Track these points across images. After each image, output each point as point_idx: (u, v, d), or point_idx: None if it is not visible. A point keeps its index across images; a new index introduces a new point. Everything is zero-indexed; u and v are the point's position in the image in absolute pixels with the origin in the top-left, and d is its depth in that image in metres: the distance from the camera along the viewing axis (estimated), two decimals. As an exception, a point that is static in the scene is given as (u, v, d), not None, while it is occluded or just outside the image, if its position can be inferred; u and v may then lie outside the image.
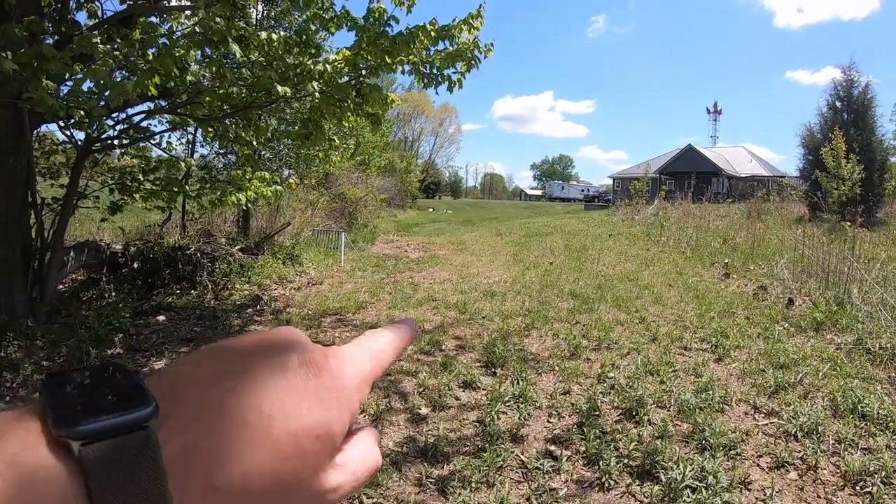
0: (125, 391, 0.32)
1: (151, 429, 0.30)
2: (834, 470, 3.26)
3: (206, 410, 0.33)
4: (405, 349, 0.47)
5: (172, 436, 0.31)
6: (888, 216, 17.88)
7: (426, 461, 3.35)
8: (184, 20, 5.73)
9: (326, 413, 0.36)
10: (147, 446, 0.30)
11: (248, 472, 0.32)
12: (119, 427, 0.29)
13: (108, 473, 0.28)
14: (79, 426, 0.29)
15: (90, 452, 0.28)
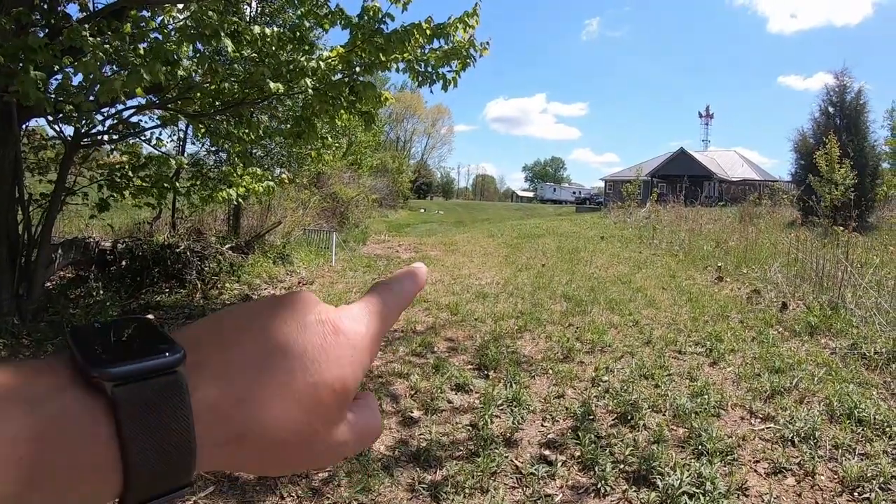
0: (153, 339, 0.33)
1: (181, 373, 0.32)
2: (832, 476, 3.22)
3: (230, 362, 0.34)
4: (414, 298, 0.48)
5: (200, 383, 0.32)
6: (879, 221, 17.94)
7: (418, 466, 3.30)
8: (176, 14, 5.65)
9: (342, 369, 0.37)
10: (177, 390, 0.31)
11: (269, 422, 0.34)
12: (150, 370, 0.31)
13: (140, 414, 0.30)
14: (112, 368, 0.30)
15: (123, 393, 0.30)
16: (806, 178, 15.73)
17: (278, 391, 0.34)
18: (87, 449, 0.28)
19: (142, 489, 0.30)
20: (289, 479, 3.12)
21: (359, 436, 0.40)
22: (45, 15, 4.47)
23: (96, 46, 3.75)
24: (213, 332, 0.36)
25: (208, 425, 0.32)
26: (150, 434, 0.30)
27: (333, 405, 0.37)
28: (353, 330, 0.39)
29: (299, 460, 0.38)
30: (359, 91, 4.95)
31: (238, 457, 0.35)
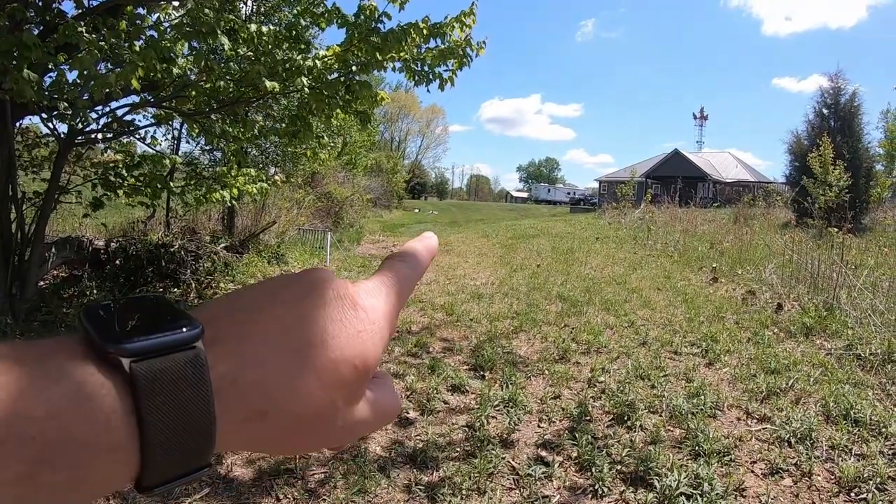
0: (169, 316, 0.32)
1: (200, 349, 0.31)
2: (828, 476, 3.22)
3: (249, 338, 0.33)
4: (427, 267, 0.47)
5: (219, 360, 0.32)
6: (873, 222, 18.01)
7: (415, 467, 3.28)
8: (171, 11, 5.62)
9: (362, 345, 0.37)
10: (196, 365, 0.30)
11: (290, 398, 0.33)
12: (169, 345, 0.30)
13: (158, 390, 0.29)
14: (130, 343, 0.29)
15: (141, 369, 0.29)
16: (800, 180, 15.76)
17: (299, 367, 0.34)
18: (103, 427, 0.27)
19: (159, 469, 0.30)
20: (284, 480, 3.10)
21: (377, 414, 0.40)
22: (40, 11, 4.44)
23: (91, 43, 3.73)
24: (230, 310, 0.35)
25: (228, 402, 0.31)
26: (169, 411, 0.29)
27: (354, 382, 0.37)
28: (371, 305, 0.39)
29: (319, 438, 0.37)
30: (355, 90, 4.93)
31: (258, 435, 0.34)
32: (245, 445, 0.35)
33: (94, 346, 0.29)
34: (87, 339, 0.30)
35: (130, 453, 0.28)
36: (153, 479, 0.30)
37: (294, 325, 0.35)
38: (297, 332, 0.35)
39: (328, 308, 0.36)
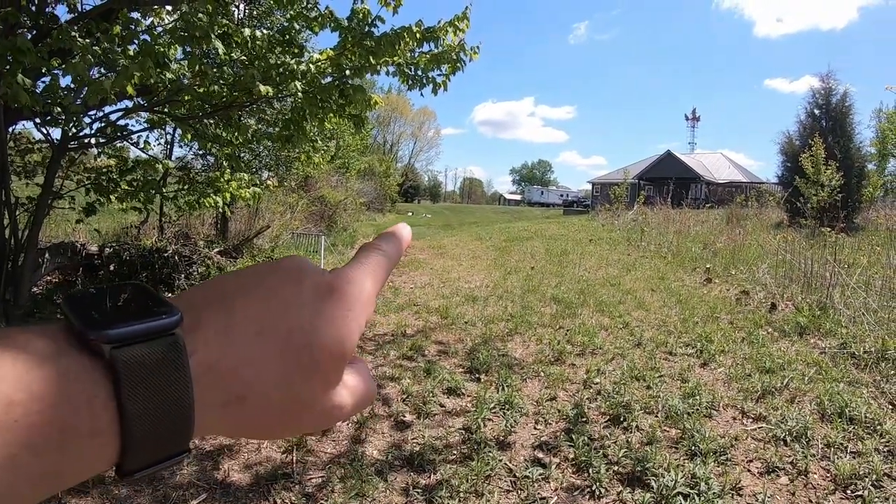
0: (149, 303, 0.33)
1: (179, 335, 0.31)
2: (824, 474, 3.24)
3: (227, 325, 0.34)
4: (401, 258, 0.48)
5: (198, 346, 0.32)
6: (866, 222, 18.10)
7: (412, 470, 3.28)
8: (165, 16, 5.61)
9: (339, 330, 0.37)
10: (175, 351, 0.31)
11: (268, 383, 0.34)
12: (149, 332, 0.30)
13: (138, 376, 0.29)
14: (110, 330, 0.29)
15: (122, 355, 0.29)
16: (792, 180, 15.85)
17: (277, 353, 0.34)
18: (85, 412, 0.28)
19: (140, 454, 0.30)
20: (282, 485, 3.10)
21: (355, 399, 0.40)
22: (33, 16, 4.42)
23: (85, 48, 3.72)
24: (208, 297, 0.36)
25: (207, 387, 0.32)
26: (149, 396, 0.29)
27: (331, 367, 0.37)
28: (348, 292, 0.39)
29: (298, 423, 0.38)
30: (349, 94, 4.93)
31: (237, 420, 0.34)
32: (224, 430, 0.35)
33: (76, 332, 0.30)
34: (69, 327, 0.30)
35: (111, 438, 0.29)
36: (133, 463, 0.30)
37: (272, 312, 0.35)
38: (275, 319, 0.35)
39: (306, 294, 0.37)
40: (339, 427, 3.81)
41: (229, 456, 3.37)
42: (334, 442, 3.61)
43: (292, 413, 0.36)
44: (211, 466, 3.25)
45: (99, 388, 0.28)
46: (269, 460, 3.34)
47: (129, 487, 3.00)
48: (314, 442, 3.57)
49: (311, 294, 0.37)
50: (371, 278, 0.42)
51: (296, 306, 0.36)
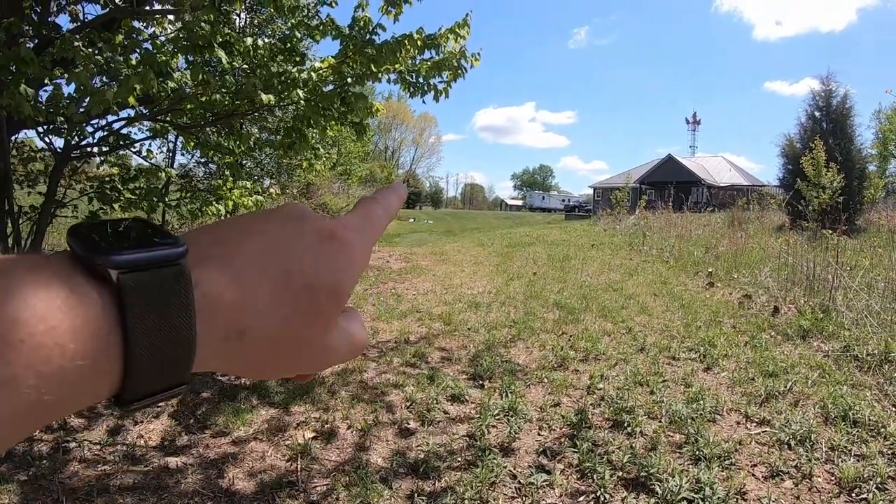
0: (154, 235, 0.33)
1: (185, 266, 0.32)
2: (829, 477, 3.23)
3: (230, 261, 0.35)
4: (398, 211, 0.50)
5: (201, 279, 0.33)
6: (867, 223, 18.08)
7: (417, 477, 3.28)
8: (167, 25, 5.64)
9: (337, 273, 0.38)
10: (181, 281, 0.31)
11: (268, 321, 0.35)
12: (155, 260, 0.31)
13: (144, 303, 0.30)
14: (118, 255, 0.30)
15: (129, 280, 0.30)
16: (794, 183, 15.84)
17: (277, 291, 0.35)
18: (90, 334, 0.28)
19: (140, 383, 0.31)
20: (287, 493, 3.10)
21: (349, 344, 0.42)
22: (36, 26, 4.45)
23: (88, 58, 3.74)
24: (213, 236, 0.37)
25: (208, 320, 0.33)
26: (153, 324, 0.30)
27: (328, 308, 0.38)
28: (347, 238, 0.40)
29: (293, 362, 0.39)
30: (350, 102, 4.94)
31: (235, 354, 0.35)
32: (222, 365, 0.36)
33: (82, 259, 0.30)
34: (75, 255, 0.30)
35: (114, 364, 0.29)
36: (133, 392, 0.31)
37: (274, 252, 0.37)
38: (277, 259, 0.36)
39: (307, 238, 0.38)
40: (343, 434, 3.81)
41: (234, 464, 3.38)
42: (338, 450, 3.61)
43: (288, 351, 0.38)
44: (216, 475, 3.26)
45: (105, 311, 0.29)
46: (274, 468, 3.35)
47: (135, 496, 3.01)
48: (319, 449, 3.57)
49: (313, 238, 0.39)
50: (370, 228, 0.44)
51: (297, 248, 0.38)
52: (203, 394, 4.42)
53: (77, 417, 3.90)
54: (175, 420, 3.94)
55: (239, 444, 3.64)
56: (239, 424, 3.87)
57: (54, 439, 3.58)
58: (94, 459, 3.38)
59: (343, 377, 4.84)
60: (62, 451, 3.45)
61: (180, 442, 3.64)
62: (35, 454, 3.38)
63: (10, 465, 3.26)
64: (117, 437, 3.66)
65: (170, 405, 4.17)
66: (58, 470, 3.23)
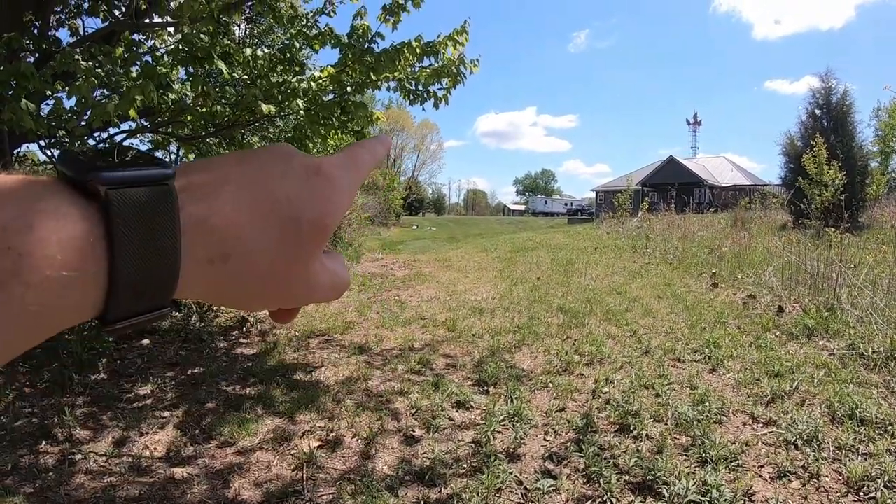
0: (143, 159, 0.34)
1: (171, 186, 0.33)
2: (836, 477, 3.22)
3: (217, 188, 0.35)
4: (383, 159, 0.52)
5: (187, 203, 0.33)
6: (871, 220, 18.05)
7: (423, 484, 3.27)
8: (167, 38, 5.67)
9: (322, 207, 0.39)
10: (167, 201, 0.32)
11: (253, 247, 0.36)
12: (143, 178, 0.32)
13: (131, 218, 0.30)
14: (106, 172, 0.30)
15: (117, 196, 0.30)
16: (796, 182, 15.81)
17: (262, 219, 0.36)
18: (78, 245, 0.28)
19: (124, 301, 0.31)
20: (292, 502, 3.10)
21: (331, 281, 0.43)
22: (36, 40, 4.47)
23: (88, 71, 3.76)
24: (202, 165, 0.37)
25: (193, 242, 0.33)
26: (139, 241, 0.30)
27: (311, 240, 0.39)
28: (332, 174, 0.41)
29: (277, 292, 0.40)
30: (350, 111, 4.97)
31: (219, 280, 0.35)
32: (205, 292, 0.37)
33: (71, 178, 0.31)
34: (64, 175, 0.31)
35: (99, 279, 0.30)
36: (117, 311, 0.31)
37: (260, 182, 0.37)
38: (264, 188, 0.37)
39: (294, 171, 0.39)
40: (349, 443, 3.81)
41: (239, 474, 3.38)
42: (344, 458, 3.61)
43: (271, 280, 0.38)
44: (221, 485, 3.26)
45: (93, 225, 0.29)
46: (280, 478, 3.34)
47: (141, 509, 3.01)
48: (324, 458, 3.57)
49: (300, 171, 0.39)
50: (356, 167, 0.45)
51: (284, 180, 0.38)
52: (208, 404, 4.42)
53: (82, 429, 3.91)
54: (180, 431, 3.94)
55: (244, 454, 3.64)
56: (244, 434, 3.87)
57: (60, 451, 3.58)
58: (99, 471, 3.38)
59: (348, 385, 4.84)
60: (68, 463, 3.45)
61: (186, 453, 3.64)
62: (41, 466, 3.39)
63: (17, 477, 3.26)
64: (123, 449, 3.67)
65: (175, 416, 4.18)
66: (64, 482, 3.23)
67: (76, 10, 5.53)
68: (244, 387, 4.81)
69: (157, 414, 4.21)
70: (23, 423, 3.99)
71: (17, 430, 3.89)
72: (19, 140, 5.08)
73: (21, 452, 3.57)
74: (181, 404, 4.41)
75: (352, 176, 0.44)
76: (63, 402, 4.32)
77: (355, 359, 5.63)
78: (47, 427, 3.87)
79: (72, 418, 3.96)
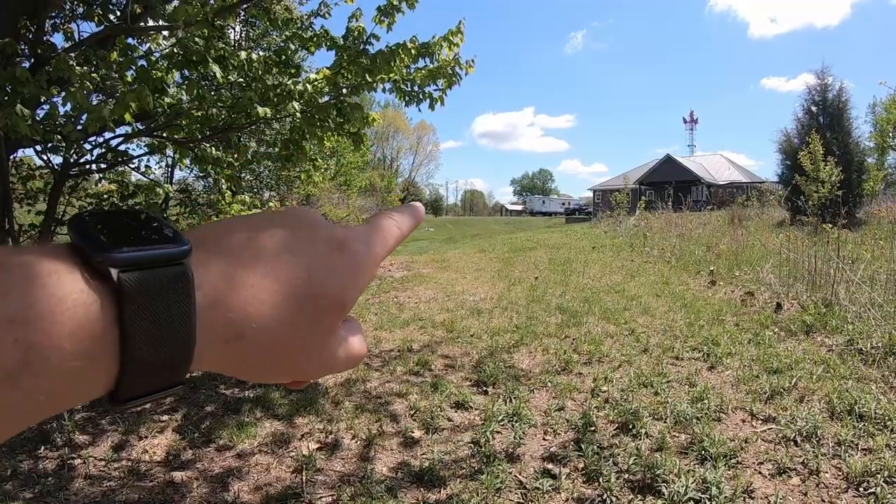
0: (158, 231, 0.33)
1: (187, 266, 0.31)
2: (836, 473, 3.22)
3: (235, 262, 0.34)
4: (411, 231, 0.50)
5: (203, 280, 0.32)
6: (867, 216, 18.06)
7: (422, 486, 3.27)
8: (162, 42, 5.66)
9: (343, 283, 0.38)
10: (182, 282, 0.31)
11: (269, 326, 0.34)
12: (157, 259, 0.30)
13: (144, 302, 0.29)
14: (119, 253, 0.29)
15: (129, 279, 0.29)
16: (792, 179, 15.83)
17: (280, 297, 0.35)
18: (87, 333, 0.28)
19: (136, 382, 0.30)
20: (292, 504, 3.09)
21: (348, 353, 0.41)
22: (31, 45, 4.46)
23: (84, 76, 3.75)
24: (218, 234, 0.36)
25: (208, 322, 0.32)
26: (152, 324, 0.29)
27: (330, 316, 0.38)
28: (357, 250, 0.41)
29: (291, 368, 0.38)
30: (346, 113, 4.95)
31: (234, 356, 0.35)
32: (220, 367, 0.35)
33: (82, 254, 0.29)
34: (75, 248, 0.30)
35: (110, 363, 0.29)
36: (128, 391, 0.30)
37: (280, 257, 0.36)
38: (283, 265, 0.36)
39: (316, 245, 0.38)
40: (348, 445, 3.81)
41: (239, 478, 3.37)
42: (343, 460, 3.60)
43: (286, 357, 0.37)
44: (220, 488, 3.25)
45: (103, 310, 0.28)
46: (279, 480, 3.34)
47: (140, 513, 3.00)
48: (323, 461, 3.57)
49: (323, 246, 0.39)
50: (381, 243, 0.44)
51: (306, 256, 0.37)
52: (207, 408, 4.42)
53: (81, 434, 3.90)
54: (179, 435, 3.94)
55: (243, 457, 3.64)
56: (243, 438, 3.87)
57: (59, 456, 3.58)
58: (99, 476, 3.37)
59: (347, 387, 4.83)
60: (67, 467, 3.45)
61: (185, 456, 3.64)
62: (40, 471, 3.38)
63: (16, 482, 3.26)
64: (122, 453, 3.66)
65: (174, 420, 4.17)
66: (63, 487, 3.23)
67: (71, 15, 5.52)
68: (243, 390, 4.80)
69: (156, 418, 4.21)
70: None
71: (16, 435, 3.88)
72: (15, 145, 5.07)
73: (20, 458, 3.56)
74: (180, 408, 4.40)
75: (376, 251, 0.43)
76: (61, 408, 4.31)
77: (354, 360, 5.62)
78: (46, 432, 3.87)
79: (70, 423, 3.95)
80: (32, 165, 6.24)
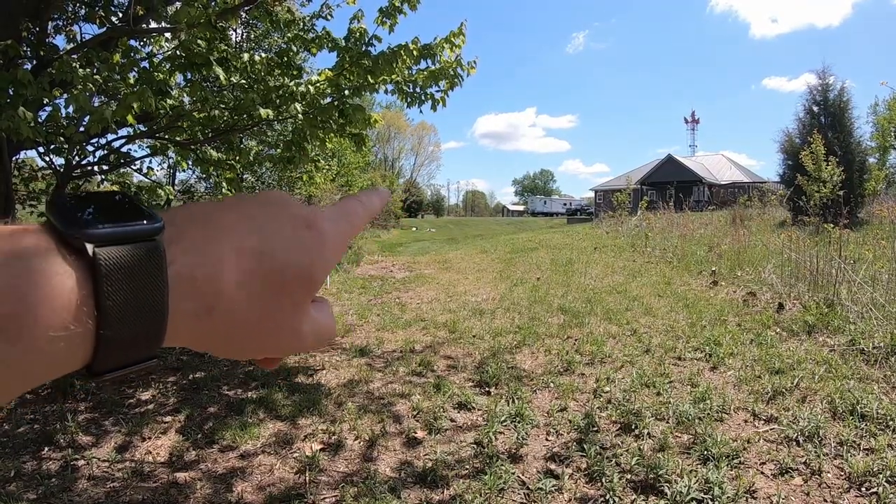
0: (132, 210, 0.34)
1: (160, 242, 0.33)
2: (838, 473, 3.22)
3: (205, 238, 0.35)
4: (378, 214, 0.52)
5: (174, 256, 0.33)
6: (870, 216, 18.02)
7: (425, 486, 3.27)
8: (164, 44, 5.67)
9: (311, 260, 0.39)
10: (155, 257, 0.32)
11: (238, 300, 0.36)
12: (131, 235, 0.32)
13: (118, 276, 0.30)
14: (93, 229, 0.31)
15: (104, 254, 0.30)
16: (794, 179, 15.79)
17: (248, 272, 0.36)
18: (63, 305, 0.28)
19: (111, 355, 0.31)
20: (295, 504, 3.10)
21: (318, 331, 0.42)
22: (33, 47, 4.47)
23: (86, 78, 3.76)
24: (191, 213, 0.37)
25: (180, 296, 0.33)
26: (126, 298, 0.30)
27: (299, 292, 0.39)
28: (324, 227, 0.41)
29: (261, 344, 0.39)
30: (348, 114, 4.95)
31: (205, 331, 0.35)
32: (191, 341, 0.36)
33: (58, 231, 0.31)
34: (52, 226, 0.31)
35: (86, 336, 0.30)
36: (104, 364, 0.31)
37: (249, 233, 0.37)
38: (251, 240, 0.37)
39: (284, 223, 0.39)
40: (351, 445, 3.81)
41: (242, 478, 3.38)
42: (346, 461, 3.61)
43: (256, 332, 0.38)
44: (224, 489, 3.26)
45: (78, 284, 0.29)
46: (282, 481, 3.35)
47: (144, 514, 3.01)
48: (326, 461, 3.57)
49: (290, 223, 0.40)
50: (349, 221, 0.45)
51: (273, 232, 0.38)
52: (210, 408, 4.42)
53: (85, 435, 3.91)
54: (183, 435, 3.95)
55: (247, 457, 3.65)
56: (246, 438, 3.87)
57: (62, 457, 3.59)
58: (102, 476, 3.38)
59: (349, 388, 4.84)
60: (71, 469, 3.46)
61: (188, 457, 3.64)
62: (44, 472, 3.39)
63: (20, 483, 3.27)
64: (125, 454, 3.67)
65: (177, 420, 4.18)
66: (67, 488, 3.24)
67: (73, 17, 5.54)
68: (245, 391, 4.81)
69: (159, 419, 4.22)
70: (25, 430, 4.00)
71: (20, 436, 3.89)
72: (17, 147, 5.08)
73: (24, 459, 3.57)
74: (183, 409, 4.41)
75: (343, 229, 0.44)
76: (65, 408, 4.32)
77: (356, 361, 5.64)
78: (49, 433, 3.88)
79: (74, 424, 3.96)
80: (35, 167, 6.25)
